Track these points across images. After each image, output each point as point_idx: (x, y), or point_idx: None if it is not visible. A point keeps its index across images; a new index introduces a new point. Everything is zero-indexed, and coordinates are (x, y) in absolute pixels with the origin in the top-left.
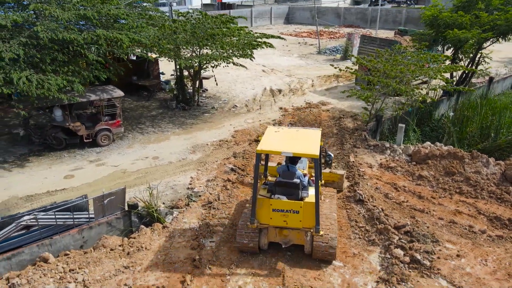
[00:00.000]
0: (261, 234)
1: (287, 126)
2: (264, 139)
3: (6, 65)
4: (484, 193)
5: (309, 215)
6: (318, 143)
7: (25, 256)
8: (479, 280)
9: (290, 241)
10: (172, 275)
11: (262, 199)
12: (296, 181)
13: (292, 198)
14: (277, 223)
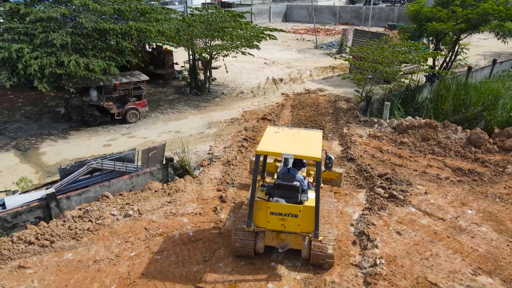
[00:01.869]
0: (257, 237)
1: (287, 127)
2: (264, 140)
3: (57, 51)
4: (451, 152)
5: (308, 219)
6: (320, 145)
7: (90, 194)
8: (439, 207)
9: (287, 246)
10: (205, 206)
11: (260, 202)
12: (296, 184)
13: (291, 202)
14: (275, 227)
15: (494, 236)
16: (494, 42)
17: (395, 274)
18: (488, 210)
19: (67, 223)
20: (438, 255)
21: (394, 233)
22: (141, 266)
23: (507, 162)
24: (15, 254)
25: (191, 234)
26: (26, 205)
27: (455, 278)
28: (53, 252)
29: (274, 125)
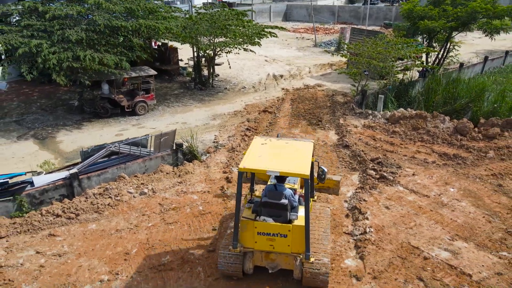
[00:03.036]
0: (245, 258)
1: (276, 138)
2: (249, 154)
3: (73, 46)
4: (439, 140)
5: (298, 239)
6: (309, 159)
7: (108, 175)
8: (424, 186)
9: (278, 266)
10: (213, 186)
11: (246, 222)
12: (284, 201)
13: (280, 221)
14: (263, 248)
15: (472, 210)
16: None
17: (382, 240)
18: (469, 188)
19: (89, 199)
20: (421, 225)
21: (383, 207)
22: (158, 234)
23: (489, 148)
24: (45, 225)
25: (201, 209)
26: (52, 183)
27: (434, 242)
28: (78, 223)
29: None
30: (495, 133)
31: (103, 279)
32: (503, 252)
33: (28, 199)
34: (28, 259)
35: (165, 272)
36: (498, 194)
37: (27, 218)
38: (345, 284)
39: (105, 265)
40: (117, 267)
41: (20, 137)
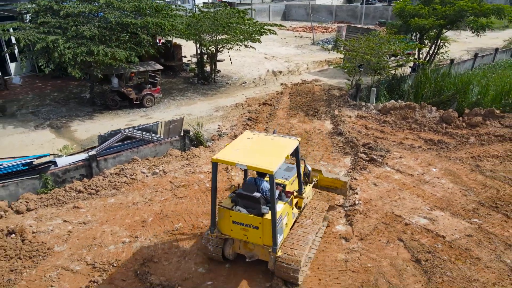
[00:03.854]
0: (226, 244)
1: (264, 133)
2: (229, 147)
3: (86, 41)
4: (426, 128)
5: (269, 232)
6: (283, 157)
7: (122, 158)
8: (410, 167)
9: (255, 256)
10: (218, 167)
11: (223, 210)
12: (256, 195)
13: (254, 213)
14: (238, 236)
15: (451, 186)
16: (481, 39)
17: (369, 210)
18: (449, 168)
19: (107, 178)
20: (404, 199)
21: (372, 184)
22: (170, 206)
23: (471, 135)
24: (69, 199)
25: (208, 186)
26: (73, 164)
27: (415, 212)
28: (99, 198)
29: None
30: (477, 122)
31: (125, 241)
32: (474, 219)
33: (52, 177)
34: (57, 226)
35: (178, 235)
36: (475, 173)
37: (52, 193)
38: (336, 244)
39: (125, 230)
40: (136, 232)
41: (37, 127)
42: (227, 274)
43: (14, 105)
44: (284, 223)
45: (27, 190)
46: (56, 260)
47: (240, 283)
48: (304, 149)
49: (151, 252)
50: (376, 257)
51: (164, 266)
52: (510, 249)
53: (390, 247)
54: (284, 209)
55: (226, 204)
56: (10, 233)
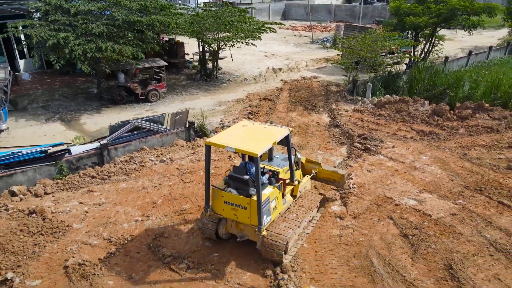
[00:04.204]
0: (219, 223)
1: (259, 122)
2: (223, 132)
3: (95, 38)
4: (418, 120)
5: (256, 212)
6: (269, 142)
7: (131, 147)
8: (402, 155)
9: (245, 236)
10: (221, 156)
11: (216, 190)
12: (245, 177)
13: (242, 194)
14: (229, 216)
15: (439, 172)
16: (477, 38)
17: (362, 193)
18: (439, 156)
19: (118, 165)
20: (395, 183)
21: (366, 171)
22: (178, 190)
23: (460, 126)
24: (83, 184)
25: (212, 172)
26: (86, 152)
27: (405, 194)
28: (111, 183)
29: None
30: (467, 114)
31: (137, 219)
32: (459, 200)
33: (67, 164)
34: (73, 207)
35: (187, 215)
36: (462, 160)
37: (68, 179)
38: (331, 222)
39: (137, 210)
40: (147, 212)
41: (48, 120)
42: (231, 247)
43: (25, 99)
44: (272, 206)
45: (43, 176)
46: (75, 236)
47: (242, 255)
48: (302, 140)
49: (161, 229)
50: (368, 232)
51: (174, 241)
52: (490, 226)
53: (381, 224)
54: (272, 193)
55: (219, 185)
56: (31, 213)
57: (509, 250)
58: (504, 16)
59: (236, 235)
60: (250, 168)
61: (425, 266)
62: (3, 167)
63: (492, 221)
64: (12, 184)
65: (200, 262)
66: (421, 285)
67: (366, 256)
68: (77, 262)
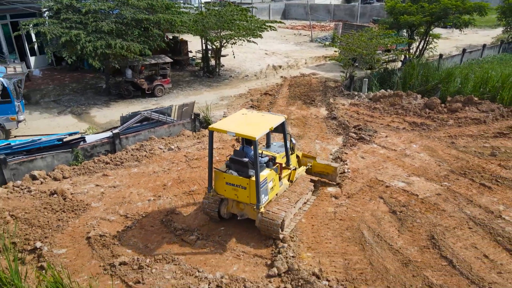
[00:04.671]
0: (221, 204)
1: (268, 111)
2: (224, 119)
3: (105, 35)
4: (411, 113)
5: (254, 192)
6: (266, 127)
7: (141, 136)
8: (394, 144)
9: (245, 215)
10: (225, 145)
11: (218, 172)
12: (244, 159)
13: (242, 175)
14: (230, 196)
15: (428, 158)
16: (473, 37)
17: (356, 176)
18: (428, 145)
19: (129, 152)
20: (387, 168)
21: (360, 157)
22: (186, 174)
23: (450, 118)
24: (98, 169)
25: (217, 158)
26: (99, 140)
27: (395, 177)
28: (123, 168)
29: (271, 103)
30: (457, 107)
31: (150, 199)
32: (444, 182)
33: (82, 151)
34: (90, 189)
35: (195, 195)
36: (450, 148)
37: (83, 165)
38: (327, 201)
39: (149, 191)
40: (159, 192)
41: (60, 113)
42: (236, 223)
43: (37, 94)
44: (270, 186)
45: (61, 162)
46: (94, 213)
47: (246, 229)
48: (301, 131)
49: (172, 207)
50: (360, 210)
51: (184, 217)
52: (471, 204)
53: (372, 203)
54: (269, 174)
55: (221, 168)
56: (52, 194)
57: (486, 224)
58: (498, 15)
59: (236, 215)
60: (249, 151)
61: (410, 237)
62: (24, 153)
63: (473, 200)
64: (33, 169)
65: (208, 234)
66: (406, 252)
67: (357, 229)
68: (98, 233)
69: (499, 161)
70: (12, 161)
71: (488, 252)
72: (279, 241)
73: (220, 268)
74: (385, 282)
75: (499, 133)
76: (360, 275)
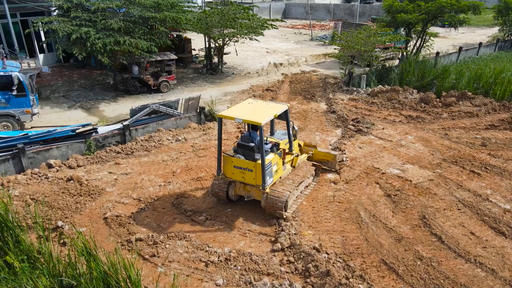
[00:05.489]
0: (229, 186)
1: (263, 99)
2: (232, 107)
3: (113, 33)
4: (407, 107)
5: (260, 174)
6: (271, 114)
7: (150, 128)
8: (390, 135)
9: (251, 196)
10: (230, 136)
11: (226, 157)
12: (251, 144)
13: (249, 159)
14: (237, 178)
15: (422, 148)
16: (470, 35)
17: (354, 165)
18: (422, 136)
19: (139, 143)
20: (383, 157)
21: (357, 148)
22: (193, 162)
23: (444, 112)
24: (110, 158)
25: (222, 148)
26: (110, 132)
27: (390, 165)
28: (134, 157)
29: (273, 98)
30: (451, 102)
31: (161, 184)
32: (437, 170)
33: (94, 142)
34: (104, 176)
35: (203, 181)
36: (443, 139)
37: (96, 154)
38: (326, 186)
39: (159, 178)
40: (168, 179)
41: (70, 107)
42: (242, 205)
43: (47, 90)
44: (274, 169)
45: (74, 152)
46: (109, 197)
47: (251, 210)
48: (302, 123)
49: (182, 191)
50: (357, 194)
51: (193, 200)
52: (461, 188)
53: (368, 187)
54: (274, 158)
55: (229, 152)
56: (69, 180)
57: (474, 206)
58: (494, 14)
59: (243, 196)
60: (255, 137)
61: (403, 217)
62: (41, 143)
63: (463, 185)
64: (49, 158)
65: (216, 215)
66: (399, 230)
67: (355, 210)
68: (114, 214)
69: (489, 150)
70: (29, 150)
71: (475, 230)
72: (282, 220)
73: (228, 244)
74: (379, 256)
75: (490, 126)
76: (356, 249)
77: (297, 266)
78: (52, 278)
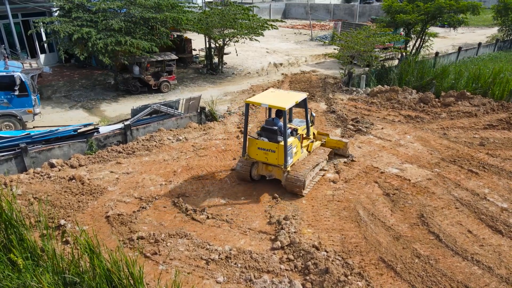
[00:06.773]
0: (253, 166)
1: (284, 90)
2: (257, 95)
3: (115, 33)
4: (406, 107)
5: (282, 154)
6: (293, 101)
7: (151, 128)
8: (389, 135)
9: (273, 175)
10: (230, 135)
11: (251, 139)
12: (274, 127)
13: (272, 141)
14: (261, 159)
15: (421, 147)
16: (470, 35)
17: (353, 164)
18: (421, 136)
19: (140, 142)
20: (382, 156)
21: (357, 147)
22: (194, 161)
23: (443, 112)
24: (111, 158)
25: (223, 148)
26: (112, 131)
27: (389, 164)
28: (135, 157)
29: None
30: (450, 101)
31: (162, 183)
32: (435, 169)
33: (96, 142)
34: (105, 175)
35: (203, 180)
36: (442, 139)
37: (97, 154)
38: (326, 185)
39: (161, 177)
40: (169, 178)
41: (71, 107)
42: (243, 204)
43: (49, 90)
44: (294, 151)
45: (76, 151)
46: (111, 196)
47: (252, 210)
48: None
49: (183, 190)
50: (356, 193)
51: (194, 199)
52: (459, 187)
53: (367, 187)
54: (293, 141)
55: (253, 135)
56: (71, 179)
57: (472, 204)
58: (493, 14)
59: (265, 176)
60: (277, 122)
61: (401, 216)
62: (43, 142)
63: (461, 184)
64: (51, 157)
65: (217, 214)
66: (397, 229)
67: (354, 209)
68: (115, 213)
69: (487, 150)
70: (32, 150)
71: (472, 228)
72: (282, 219)
73: (228, 242)
74: (377, 253)
75: (488, 125)
76: (355, 247)
77: (296, 264)
78: (56, 275)
